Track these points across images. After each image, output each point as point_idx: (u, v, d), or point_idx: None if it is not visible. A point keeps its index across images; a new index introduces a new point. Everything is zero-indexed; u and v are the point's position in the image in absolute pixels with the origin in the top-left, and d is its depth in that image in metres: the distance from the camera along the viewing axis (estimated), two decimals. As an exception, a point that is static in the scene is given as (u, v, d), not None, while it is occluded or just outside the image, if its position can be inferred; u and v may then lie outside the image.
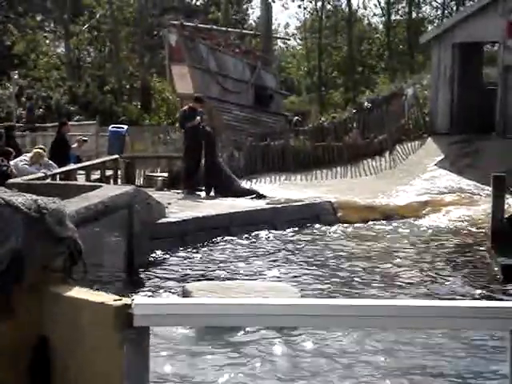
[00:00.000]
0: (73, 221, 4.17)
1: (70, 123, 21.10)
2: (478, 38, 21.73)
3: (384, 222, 14.72)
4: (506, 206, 12.31)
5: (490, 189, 12.44)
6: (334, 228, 14.02)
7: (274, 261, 11.06)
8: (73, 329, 3.58)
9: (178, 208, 13.53)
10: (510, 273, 10.12)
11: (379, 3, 43.62)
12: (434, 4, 44.27)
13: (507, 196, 13.02)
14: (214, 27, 30.17)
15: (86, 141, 20.49)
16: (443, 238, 13.27)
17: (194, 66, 24.23)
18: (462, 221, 14.63)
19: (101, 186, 10.64)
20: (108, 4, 40.98)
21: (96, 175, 17.09)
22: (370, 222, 14.59)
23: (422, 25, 42.89)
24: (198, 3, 47.86)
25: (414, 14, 42.53)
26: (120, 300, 3.39)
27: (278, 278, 9.76)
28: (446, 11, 43.13)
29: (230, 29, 31.55)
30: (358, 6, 44.69)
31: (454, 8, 42.28)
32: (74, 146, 18.99)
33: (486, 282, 9.97)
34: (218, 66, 25.33)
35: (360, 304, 3.27)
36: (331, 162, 21.74)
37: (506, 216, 11.98)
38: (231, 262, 10.88)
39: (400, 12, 43.71)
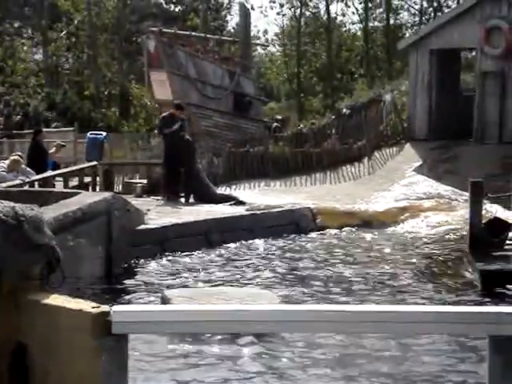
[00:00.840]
0: (51, 228, 4.14)
1: (48, 130, 20.99)
2: (456, 44, 21.88)
3: (363, 227, 14.76)
4: (483, 212, 12.38)
5: (468, 194, 12.52)
6: (313, 234, 14.04)
7: (254, 267, 11.05)
8: (51, 336, 3.56)
9: (157, 215, 13.49)
10: (489, 278, 10.17)
11: (357, 10, 43.82)
12: (412, 10, 44.52)
13: (485, 201, 13.11)
14: (193, 34, 30.14)
15: (63, 146, 20.40)
16: (422, 244, 13.32)
17: (173, 73, 24.19)
18: (441, 226, 14.70)
19: (79, 193, 10.60)
20: (86, 10, 40.84)
21: (74, 182, 17.02)
22: (349, 228, 14.63)
23: (400, 31, 43.11)
24: (176, 10, 47.83)
25: (391, 21, 42.74)
26: (98, 307, 3.37)
27: (259, 284, 9.75)
28: (423, 18, 43.36)
29: (208, 35, 31.54)
30: (336, 13, 44.56)
31: (432, 14, 42.52)
32: (52, 151, 18.90)
33: (464, 288, 10.02)
34: (196, 73, 25.31)
35: (341, 309, 3.28)
36: (310, 168, 21.78)
37: (484, 221, 12.05)
38: (211, 269, 10.86)
39: (378, 18, 43.92)
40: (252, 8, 40.40)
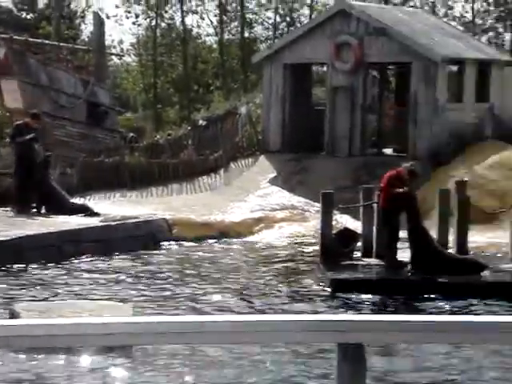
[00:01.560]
0: None
1: None
2: (308, 59, 22.39)
3: (219, 238, 14.86)
4: (334, 222, 12.76)
5: (320, 205, 12.85)
6: (168, 245, 14.01)
7: (108, 279, 10.90)
8: None
9: (7, 227, 13.06)
10: (339, 286, 10.49)
11: (212, 23, 44.14)
12: (266, 24, 45.24)
13: (335, 212, 13.50)
14: (46, 41, 29.45)
15: None
16: (275, 254, 13.55)
17: (24, 81, 23.57)
18: (294, 236, 15.01)
19: None
20: None
21: None
22: (205, 239, 14.69)
23: (254, 44, 43.72)
24: (28, 17, 46.57)
25: (246, 34, 43.28)
26: None
27: (109, 296, 9.62)
28: (277, 32, 44.18)
29: (61, 44, 30.89)
30: (191, 25, 44.67)
31: (286, 29, 43.39)
32: None
33: (315, 296, 10.27)
34: (49, 81, 24.76)
35: (195, 320, 3.28)
36: (167, 179, 21.72)
37: (335, 232, 12.42)
38: (63, 282, 10.62)
39: (233, 31, 44.35)
40: (107, 17, 39.93)
